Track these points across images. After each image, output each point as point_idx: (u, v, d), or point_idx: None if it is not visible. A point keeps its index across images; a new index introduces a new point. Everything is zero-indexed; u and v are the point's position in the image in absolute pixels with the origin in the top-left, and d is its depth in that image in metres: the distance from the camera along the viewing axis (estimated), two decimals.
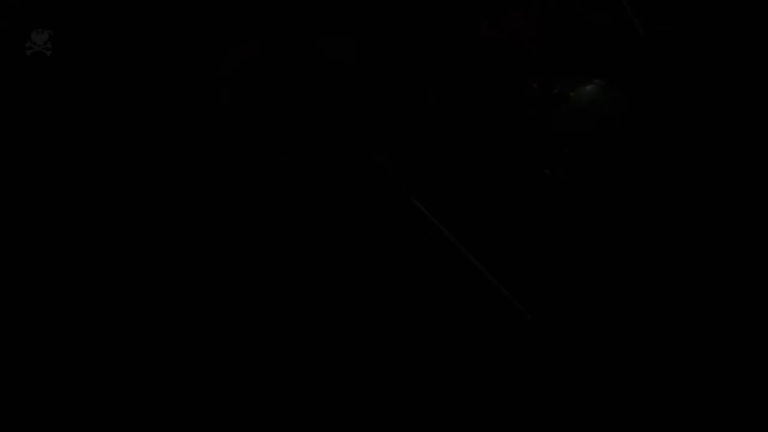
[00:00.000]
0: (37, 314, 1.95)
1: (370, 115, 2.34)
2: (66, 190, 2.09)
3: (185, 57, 2.24)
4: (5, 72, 2.05)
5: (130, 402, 1.86)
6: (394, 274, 2.08)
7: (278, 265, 2.10)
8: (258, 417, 1.85)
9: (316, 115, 2.31)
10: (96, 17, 2.13)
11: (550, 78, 2.24)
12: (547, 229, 2.10)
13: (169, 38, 2.22)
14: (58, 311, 1.98)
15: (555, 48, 2.56)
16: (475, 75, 2.55)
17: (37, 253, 2.03)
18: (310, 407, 1.84)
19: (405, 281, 2.06)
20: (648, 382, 1.80)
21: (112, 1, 2.19)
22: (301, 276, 2.08)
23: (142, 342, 1.92)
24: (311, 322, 2.01)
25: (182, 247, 2.09)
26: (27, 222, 2.04)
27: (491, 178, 2.14)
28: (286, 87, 2.32)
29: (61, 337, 1.95)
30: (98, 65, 2.15)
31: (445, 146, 2.24)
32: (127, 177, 2.12)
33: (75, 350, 1.93)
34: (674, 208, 2.14)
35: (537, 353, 1.72)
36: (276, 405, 1.86)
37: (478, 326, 1.93)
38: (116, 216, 2.08)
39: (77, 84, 2.13)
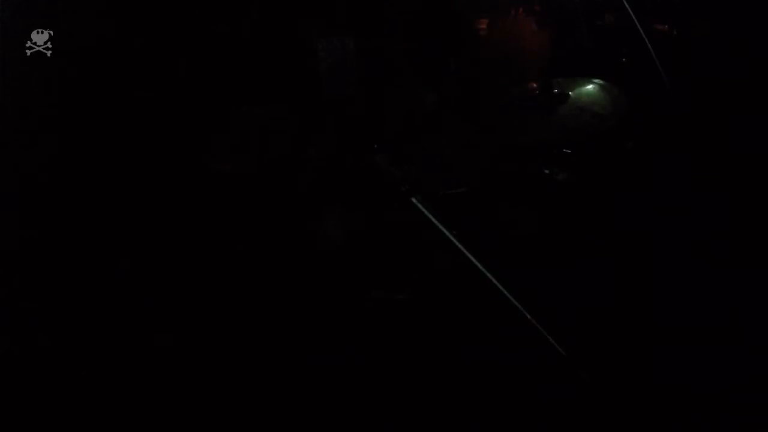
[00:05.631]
0: (36, 313, 1.96)
1: (370, 115, 2.34)
2: (66, 189, 2.10)
3: (181, 58, 2.26)
4: (5, 72, 2.06)
5: (129, 401, 1.86)
6: (394, 273, 2.08)
7: (279, 264, 2.10)
8: (259, 416, 1.85)
9: (315, 115, 2.32)
10: (96, 17, 2.14)
11: (550, 78, 2.24)
12: (546, 228, 2.10)
13: (166, 40, 2.24)
14: (61, 309, 1.99)
15: (555, 48, 2.57)
16: (475, 75, 2.56)
17: (38, 251, 2.03)
18: (308, 406, 1.84)
19: (405, 280, 2.07)
20: (646, 381, 1.80)
21: (112, 1, 2.20)
22: (302, 275, 2.09)
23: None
24: (313, 320, 2.01)
25: (178, 247, 2.10)
26: (27, 221, 2.05)
27: (491, 177, 2.14)
28: (285, 87, 2.33)
29: (60, 334, 1.96)
30: (98, 65, 2.16)
31: (444, 146, 2.25)
32: (125, 176, 2.14)
33: (74, 348, 1.94)
34: (674, 207, 2.15)
35: (535, 351, 1.72)
36: (275, 403, 1.86)
37: (478, 324, 1.93)
38: (114, 215, 2.10)
39: (77, 84, 2.14)
